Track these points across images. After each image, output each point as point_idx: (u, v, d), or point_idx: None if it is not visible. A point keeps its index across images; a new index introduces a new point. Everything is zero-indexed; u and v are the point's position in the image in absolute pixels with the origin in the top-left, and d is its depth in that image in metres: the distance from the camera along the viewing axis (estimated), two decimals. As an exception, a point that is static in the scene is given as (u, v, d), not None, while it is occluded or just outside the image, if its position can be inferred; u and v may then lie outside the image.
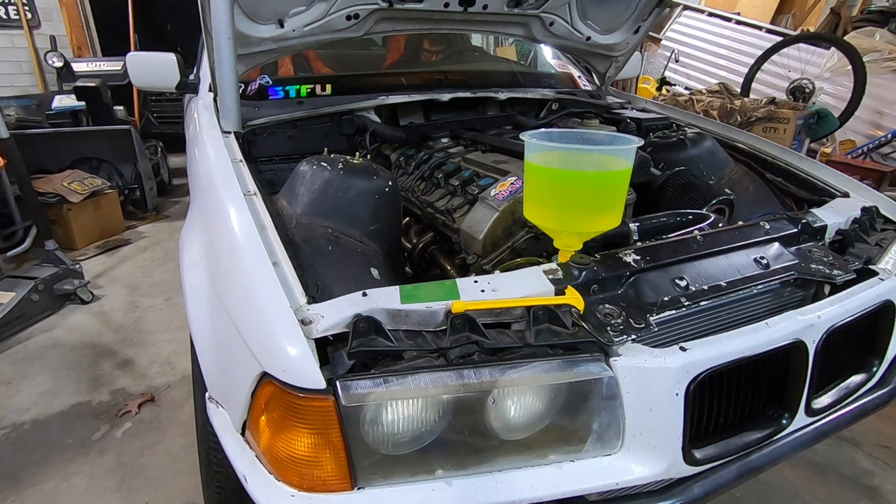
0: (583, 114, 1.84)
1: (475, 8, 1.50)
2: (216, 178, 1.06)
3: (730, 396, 0.84)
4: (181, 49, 2.34)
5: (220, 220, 0.94)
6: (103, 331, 2.37)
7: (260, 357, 0.71)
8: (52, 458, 1.62)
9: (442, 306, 0.75)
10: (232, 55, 1.19)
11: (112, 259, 3.22)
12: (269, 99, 1.63)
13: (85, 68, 4.59)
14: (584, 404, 0.75)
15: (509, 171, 1.23)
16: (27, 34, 4.91)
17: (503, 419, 0.73)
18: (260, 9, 1.33)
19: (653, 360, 0.75)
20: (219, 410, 0.85)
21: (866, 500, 1.46)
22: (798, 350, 0.86)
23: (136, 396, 1.89)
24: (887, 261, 1.08)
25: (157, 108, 5.36)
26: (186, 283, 0.98)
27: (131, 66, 1.67)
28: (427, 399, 0.69)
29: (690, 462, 0.79)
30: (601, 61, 1.96)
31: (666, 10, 1.78)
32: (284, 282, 0.77)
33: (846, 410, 0.99)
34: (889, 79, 3.77)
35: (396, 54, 2.20)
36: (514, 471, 0.74)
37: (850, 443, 1.65)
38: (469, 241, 1.13)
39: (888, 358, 1.05)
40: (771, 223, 1.06)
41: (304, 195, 1.07)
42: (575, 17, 1.69)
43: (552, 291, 0.81)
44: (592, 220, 0.85)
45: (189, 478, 1.51)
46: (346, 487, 0.69)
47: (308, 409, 0.68)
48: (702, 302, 0.89)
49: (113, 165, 3.80)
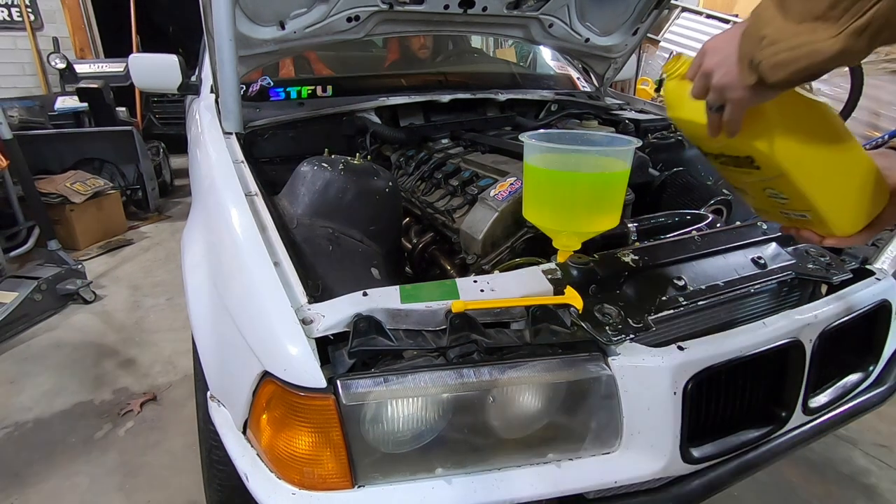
0: (582, 115, 1.85)
1: (475, 10, 1.50)
2: (218, 178, 1.07)
3: (727, 395, 0.84)
4: (183, 50, 2.35)
5: (222, 221, 0.95)
6: (106, 330, 2.38)
7: (261, 356, 0.72)
8: (54, 456, 1.63)
9: (442, 306, 0.76)
10: (233, 57, 1.20)
11: (114, 259, 3.23)
12: (270, 100, 1.64)
13: (87, 70, 4.60)
14: (583, 403, 0.76)
15: (508, 171, 1.23)
16: (30, 36, 4.92)
17: (502, 418, 0.74)
18: (261, 11, 1.34)
19: (651, 359, 0.76)
20: (220, 409, 0.86)
21: (864, 498, 1.47)
22: (795, 349, 0.87)
23: (139, 395, 1.90)
24: (884, 260, 1.09)
25: (159, 110, 5.38)
26: (188, 283, 0.98)
27: (133, 68, 1.68)
28: (427, 398, 0.70)
29: (688, 460, 0.79)
30: (600, 63, 1.97)
31: (664, 11, 1.78)
32: (285, 281, 0.78)
33: (843, 409, 0.99)
34: (886, 80, 3.77)
35: (396, 56, 2.21)
36: (514, 469, 0.74)
37: (847, 441, 1.66)
38: (469, 242, 1.14)
39: (884, 357, 1.06)
40: (768, 223, 1.07)
41: (305, 196, 1.08)
42: (574, 19, 1.70)
43: (551, 291, 0.82)
44: (591, 221, 0.85)
45: (191, 476, 1.51)
46: (346, 485, 0.70)
47: (309, 408, 0.68)
48: (699, 301, 0.89)
49: (115, 166, 3.82)
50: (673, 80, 0.73)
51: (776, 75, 0.55)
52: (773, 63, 0.54)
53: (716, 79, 0.63)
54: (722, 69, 0.62)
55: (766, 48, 0.55)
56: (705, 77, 0.64)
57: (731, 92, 0.62)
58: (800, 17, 0.52)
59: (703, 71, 0.65)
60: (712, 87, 0.64)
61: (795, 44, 0.52)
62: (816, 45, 0.51)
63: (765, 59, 0.55)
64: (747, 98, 0.61)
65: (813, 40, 0.51)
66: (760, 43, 0.55)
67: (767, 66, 0.55)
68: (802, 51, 0.52)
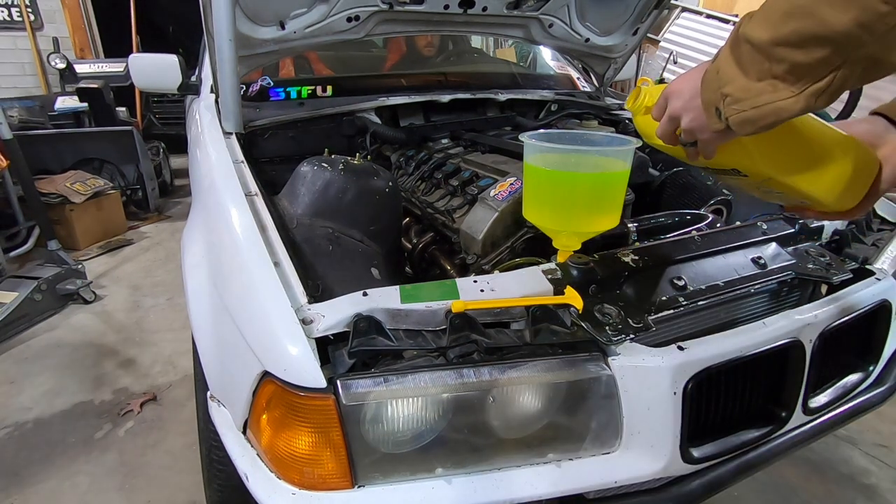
0: (582, 115, 1.85)
1: (475, 10, 1.50)
2: (218, 178, 1.07)
3: (727, 395, 0.84)
4: (183, 50, 2.35)
5: (222, 221, 0.95)
6: (106, 330, 2.38)
7: (261, 356, 0.72)
8: (54, 456, 1.63)
9: (442, 306, 0.76)
10: (233, 57, 1.20)
11: (114, 259, 3.23)
12: (270, 100, 1.64)
13: (87, 70, 4.60)
14: (583, 403, 0.76)
15: (508, 171, 1.23)
16: (30, 36, 4.92)
17: (502, 418, 0.74)
18: (261, 11, 1.34)
19: (651, 359, 0.76)
20: (220, 409, 0.86)
21: (863, 498, 1.47)
22: (795, 349, 0.87)
23: (139, 395, 1.90)
24: (884, 260, 1.09)
25: (159, 110, 5.37)
26: (188, 283, 0.98)
27: (133, 68, 1.68)
28: (427, 398, 0.70)
29: (688, 460, 0.80)
30: (600, 63, 1.97)
31: (664, 11, 1.78)
32: (285, 281, 0.78)
33: (843, 409, 0.99)
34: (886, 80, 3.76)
35: (399, 56, 2.21)
36: (514, 469, 0.74)
37: (847, 441, 1.66)
38: (469, 242, 1.14)
39: (884, 357, 1.06)
40: (768, 223, 1.07)
41: (305, 196, 1.08)
42: (574, 19, 1.70)
43: (551, 291, 0.82)
44: (591, 221, 0.85)
45: (191, 476, 1.51)
46: (346, 485, 0.70)
47: (309, 408, 0.68)
48: (699, 301, 0.89)
49: (115, 166, 3.82)
50: (639, 116, 0.76)
51: (744, 129, 0.57)
52: (740, 120, 0.56)
53: (684, 123, 0.65)
54: (689, 114, 0.64)
55: (731, 105, 0.56)
56: (672, 121, 0.67)
57: (701, 134, 0.64)
58: (759, 76, 0.53)
59: (670, 115, 0.67)
60: (683, 130, 0.66)
61: (759, 102, 0.54)
62: (779, 104, 0.53)
63: (731, 116, 0.57)
64: (718, 138, 0.63)
65: (775, 98, 0.53)
66: (724, 100, 0.57)
67: (735, 121, 0.57)
68: (767, 109, 0.54)
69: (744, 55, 0.54)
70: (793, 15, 0.49)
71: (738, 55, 0.55)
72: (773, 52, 0.51)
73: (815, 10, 0.47)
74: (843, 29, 0.46)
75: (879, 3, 0.43)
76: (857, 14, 0.44)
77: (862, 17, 0.44)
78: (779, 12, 0.50)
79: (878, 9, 0.43)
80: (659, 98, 0.70)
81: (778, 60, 0.51)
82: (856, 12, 0.44)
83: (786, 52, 0.50)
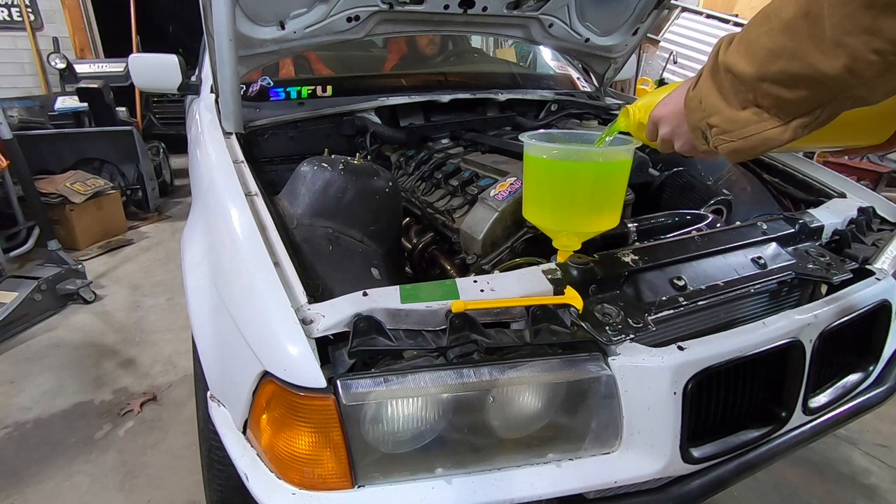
0: (582, 115, 1.85)
1: (475, 10, 1.50)
2: (218, 178, 1.07)
3: (727, 395, 0.84)
4: (183, 51, 2.34)
5: (222, 221, 0.95)
6: (106, 330, 2.38)
7: (261, 356, 0.72)
8: (54, 456, 1.63)
9: (442, 306, 0.76)
10: (233, 57, 1.20)
11: (114, 259, 3.23)
12: (270, 100, 1.64)
13: (87, 70, 4.60)
14: (583, 403, 0.76)
15: (508, 171, 1.23)
16: (30, 36, 4.92)
17: (502, 418, 0.74)
18: (261, 11, 1.34)
19: (650, 359, 0.76)
20: (220, 409, 0.86)
21: (864, 498, 1.47)
22: (795, 349, 0.86)
23: (139, 395, 1.90)
24: (884, 261, 1.09)
25: (159, 110, 5.38)
26: (188, 282, 0.98)
27: (133, 68, 1.69)
28: (427, 398, 0.70)
29: (688, 460, 0.79)
30: (600, 63, 1.97)
31: (664, 11, 1.78)
32: (285, 282, 0.78)
33: (843, 409, 0.99)
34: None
35: (397, 56, 2.21)
36: (514, 469, 0.74)
37: (847, 441, 1.66)
38: (469, 242, 1.14)
39: (884, 357, 1.06)
40: (768, 223, 1.07)
41: (305, 196, 1.08)
42: (574, 19, 1.70)
43: (551, 291, 0.82)
44: (591, 220, 0.85)
45: (191, 476, 1.51)
46: (346, 485, 0.70)
47: (309, 408, 0.68)
48: (699, 301, 0.89)
49: (115, 166, 3.82)
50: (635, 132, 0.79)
51: (736, 158, 0.58)
52: (729, 150, 0.57)
53: (677, 146, 0.67)
54: (680, 139, 0.66)
55: (718, 136, 0.57)
56: (666, 143, 0.69)
57: (696, 153, 0.65)
58: (742, 105, 0.54)
59: (662, 139, 0.69)
60: (677, 151, 0.68)
61: (747, 133, 0.54)
62: (767, 134, 0.53)
63: (720, 146, 0.57)
64: (712, 154, 0.63)
65: (762, 129, 0.53)
66: (710, 129, 0.57)
67: (724, 151, 0.57)
68: (755, 139, 0.54)
69: (725, 85, 0.54)
70: (780, 55, 0.49)
71: (719, 84, 0.55)
72: (758, 87, 0.51)
73: (804, 55, 0.47)
74: (832, 74, 0.46)
75: (869, 52, 0.44)
76: (847, 62, 0.45)
77: (851, 65, 0.45)
78: (764, 49, 0.50)
79: (868, 57, 0.44)
80: (648, 122, 0.71)
81: (763, 95, 0.51)
82: (845, 60, 0.45)
83: (772, 88, 0.50)
